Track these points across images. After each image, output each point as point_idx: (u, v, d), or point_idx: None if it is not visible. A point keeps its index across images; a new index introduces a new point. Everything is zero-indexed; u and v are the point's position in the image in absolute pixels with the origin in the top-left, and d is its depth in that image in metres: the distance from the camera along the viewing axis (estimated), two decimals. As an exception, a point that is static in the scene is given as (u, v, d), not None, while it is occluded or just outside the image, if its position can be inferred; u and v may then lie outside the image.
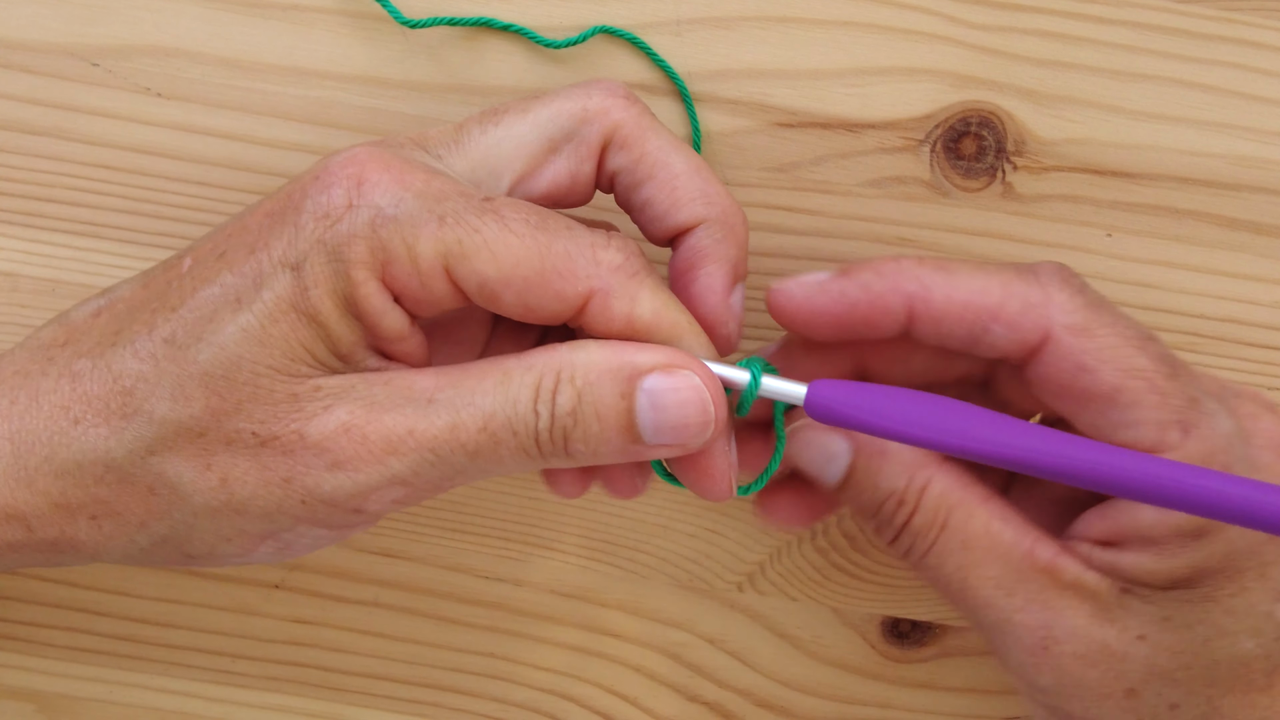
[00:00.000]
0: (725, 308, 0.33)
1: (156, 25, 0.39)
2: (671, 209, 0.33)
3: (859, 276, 0.33)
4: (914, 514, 0.33)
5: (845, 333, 0.33)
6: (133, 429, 0.31)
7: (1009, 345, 0.32)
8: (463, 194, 0.30)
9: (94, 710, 0.41)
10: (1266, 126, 0.39)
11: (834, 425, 0.31)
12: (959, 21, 0.38)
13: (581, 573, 0.41)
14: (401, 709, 0.42)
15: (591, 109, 0.33)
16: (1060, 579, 0.32)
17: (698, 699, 0.42)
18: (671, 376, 0.31)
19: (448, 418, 0.30)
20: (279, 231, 0.30)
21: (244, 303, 0.30)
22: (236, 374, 0.30)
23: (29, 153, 0.39)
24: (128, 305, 0.32)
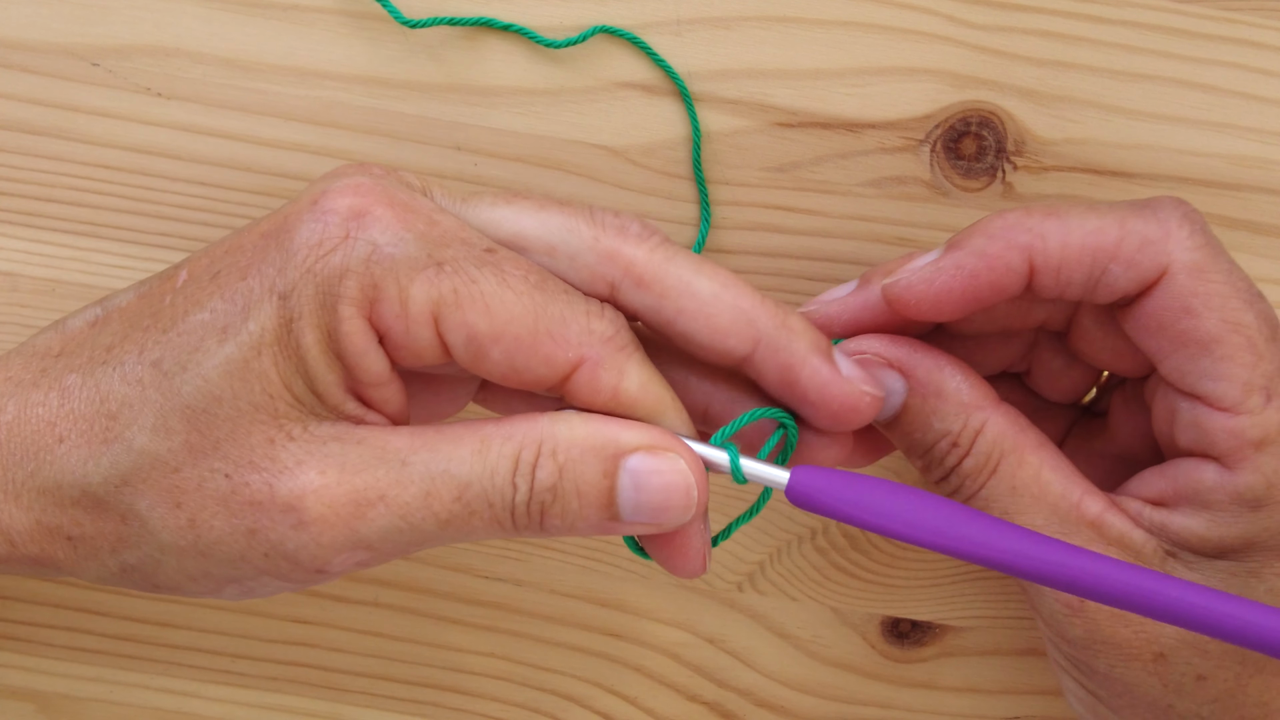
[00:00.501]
0: (844, 383, 0.31)
1: (157, 25, 0.39)
2: (715, 340, 0.31)
3: (971, 244, 0.32)
4: (966, 456, 0.33)
5: (972, 306, 0.32)
6: (110, 456, 0.30)
7: (1127, 284, 0.31)
8: (466, 241, 0.30)
9: (94, 710, 0.41)
10: (1266, 126, 0.39)
11: (815, 513, 0.31)
12: (959, 21, 0.38)
13: (581, 573, 0.41)
14: (401, 709, 0.42)
15: (605, 242, 0.31)
16: (1105, 534, 0.32)
17: (698, 699, 0.42)
18: (656, 458, 0.30)
19: (421, 485, 0.30)
20: (272, 256, 0.30)
21: (230, 333, 0.30)
22: (217, 409, 0.30)
23: (29, 153, 0.39)
24: (122, 318, 0.32)
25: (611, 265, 0.31)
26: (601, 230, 0.31)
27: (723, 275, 0.31)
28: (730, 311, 0.31)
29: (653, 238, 0.31)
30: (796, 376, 0.31)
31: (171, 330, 0.30)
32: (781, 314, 0.31)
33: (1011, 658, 0.41)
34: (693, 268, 0.31)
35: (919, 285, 0.32)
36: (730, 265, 0.39)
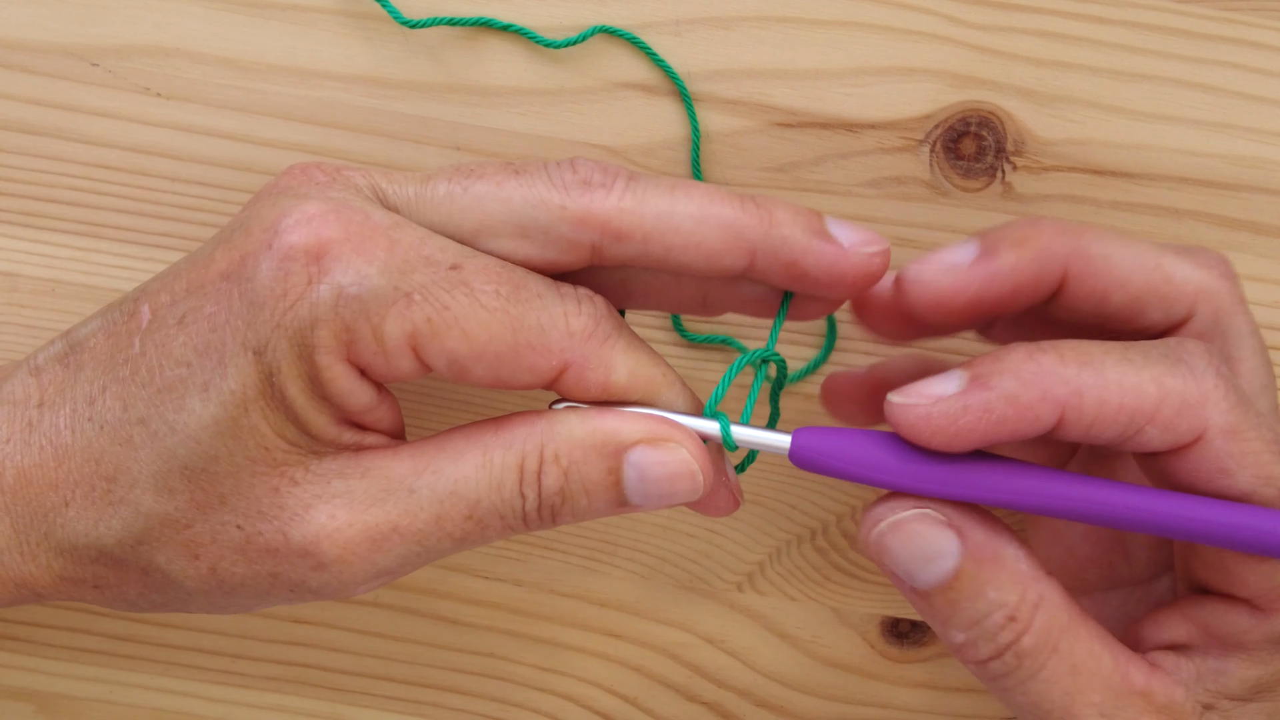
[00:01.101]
0: (849, 255, 0.31)
1: (156, 25, 0.39)
2: (712, 263, 0.31)
3: (1001, 386, 0.29)
4: (1024, 634, 0.30)
5: (985, 445, 0.30)
6: (120, 518, 0.31)
7: (1160, 444, 0.30)
8: (429, 261, 0.29)
9: (94, 710, 0.41)
10: (1266, 126, 0.39)
11: (818, 473, 0.30)
12: (958, 21, 0.38)
13: (581, 573, 0.41)
14: (401, 709, 0.42)
15: (572, 208, 0.30)
16: (1154, 701, 0.31)
17: (697, 699, 0.42)
18: (658, 449, 0.30)
19: (431, 510, 0.30)
20: (236, 306, 0.29)
21: (211, 390, 0.29)
22: (215, 467, 0.30)
23: (29, 153, 0.39)
24: (93, 360, 0.31)
25: (586, 229, 0.30)
26: (565, 194, 0.30)
27: (698, 195, 0.31)
28: (717, 233, 0.30)
29: (617, 181, 0.31)
30: (802, 268, 0.31)
31: (150, 385, 0.30)
32: (767, 212, 0.31)
33: (1011, 658, 0.41)
34: (667, 199, 0.30)
35: (939, 420, 0.29)
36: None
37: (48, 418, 0.31)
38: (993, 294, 0.31)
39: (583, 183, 0.30)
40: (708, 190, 0.31)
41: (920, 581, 0.30)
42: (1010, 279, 0.31)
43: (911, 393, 0.30)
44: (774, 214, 0.31)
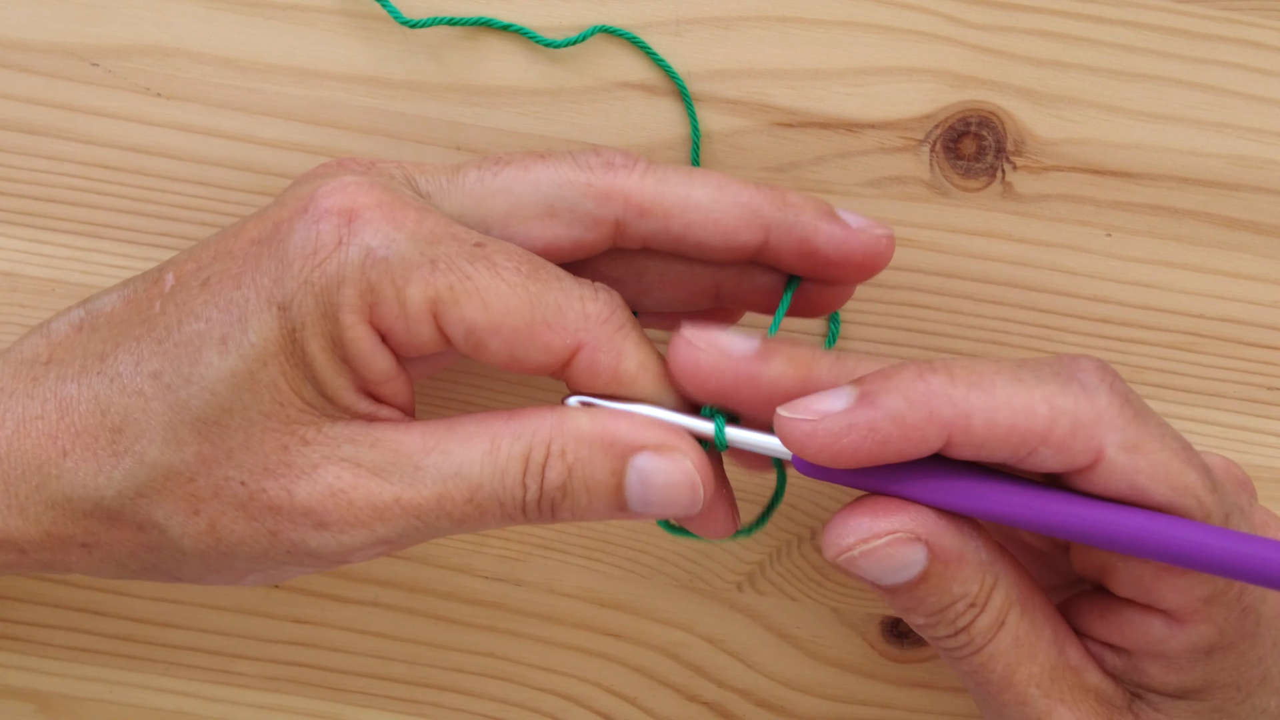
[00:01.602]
0: (859, 235, 0.32)
1: (156, 25, 0.39)
2: (728, 240, 0.32)
3: (887, 405, 0.29)
4: (980, 614, 0.31)
5: (870, 464, 0.30)
6: (122, 469, 0.31)
7: (1056, 465, 0.29)
8: (455, 237, 0.30)
9: (93, 710, 0.41)
10: (1266, 126, 0.39)
11: (820, 479, 0.31)
12: (959, 21, 0.38)
13: (581, 573, 0.41)
14: (401, 709, 0.42)
15: (597, 185, 0.32)
16: (1084, 681, 0.32)
17: (697, 699, 0.42)
18: (663, 458, 0.31)
19: (435, 488, 0.30)
20: (265, 264, 0.30)
21: (230, 343, 0.30)
22: (228, 420, 0.30)
23: (29, 152, 0.39)
24: (109, 323, 0.32)
25: (610, 204, 0.32)
26: (590, 173, 0.32)
27: (714, 178, 0.32)
28: (734, 210, 0.32)
29: (639, 164, 0.32)
30: (814, 246, 0.32)
31: (167, 340, 0.30)
32: (780, 194, 0.32)
33: (1011, 658, 0.42)
34: (686, 181, 0.32)
35: (822, 437, 0.29)
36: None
37: (54, 372, 0.31)
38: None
39: (606, 164, 0.32)
40: (723, 175, 0.32)
41: (886, 584, 0.31)
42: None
43: (799, 407, 0.30)
44: (786, 195, 0.32)
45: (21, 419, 0.31)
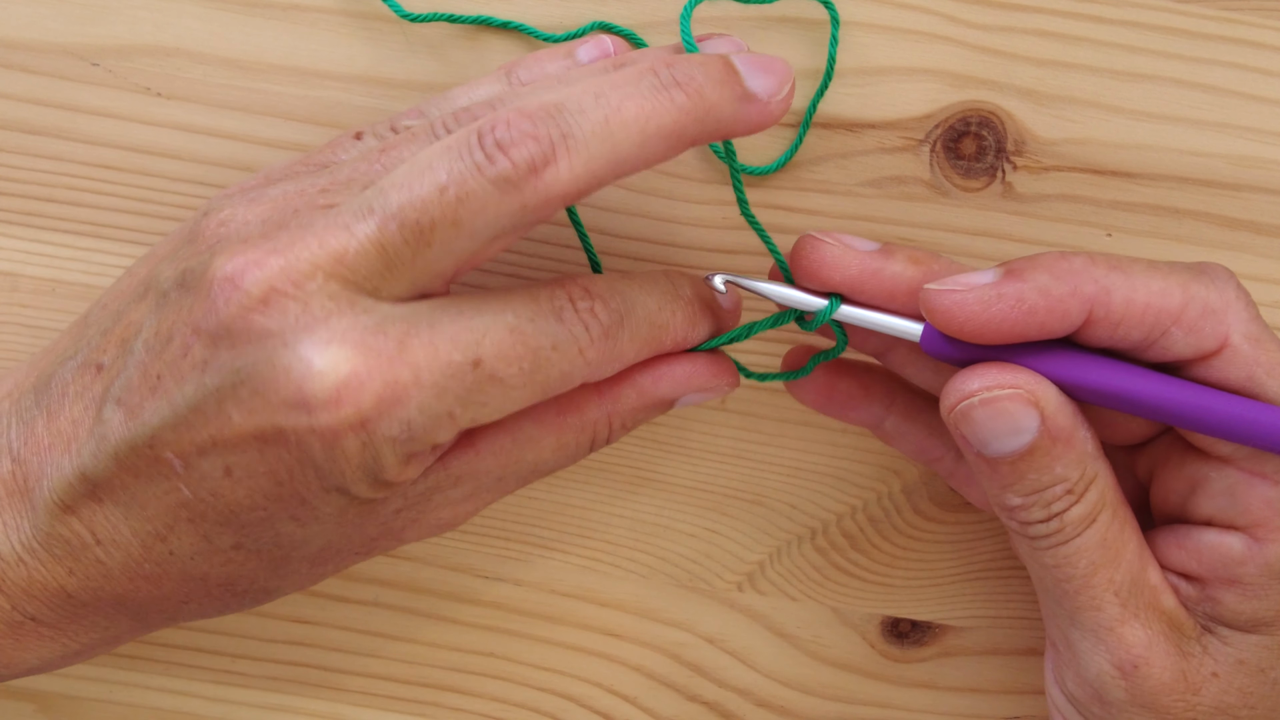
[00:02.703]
0: (767, 108, 0.32)
1: (157, 25, 0.39)
2: (657, 163, 0.31)
3: (1035, 279, 0.31)
4: (1075, 504, 0.32)
5: (1012, 339, 0.31)
6: (249, 599, 0.34)
7: (1185, 349, 0.31)
8: (451, 371, 0.29)
9: (94, 710, 0.41)
10: (1266, 126, 0.39)
11: (946, 359, 0.32)
12: (959, 21, 0.38)
13: (581, 572, 0.41)
14: (401, 708, 0.42)
15: (533, 203, 0.29)
16: (1161, 604, 0.32)
17: (697, 699, 0.42)
18: (706, 392, 0.34)
19: (515, 483, 0.34)
20: (296, 469, 0.30)
21: (304, 519, 0.31)
22: (330, 548, 0.32)
23: (29, 152, 0.39)
24: (131, 499, 0.31)
25: (550, 209, 0.30)
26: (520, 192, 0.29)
27: (631, 117, 0.30)
28: (661, 145, 0.30)
29: (556, 150, 0.29)
30: (732, 134, 0.31)
31: (229, 525, 0.31)
32: (698, 101, 0.30)
33: (1011, 657, 0.41)
34: (608, 143, 0.30)
35: (974, 305, 0.31)
36: (730, 266, 0.39)
37: (115, 555, 0.32)
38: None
39: (528, 169, 0.29)
40: (637, 102, 0.30)
41: (992, 451, 0.32)
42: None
43: (947, 281, 0.31)
44: (705, 97, 0.30)
45: (119, 595, 0.32)
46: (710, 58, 0.31)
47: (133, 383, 0.30)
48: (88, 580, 0.32)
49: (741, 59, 0.31)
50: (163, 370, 0.30)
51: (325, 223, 0.29)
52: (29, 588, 0.32)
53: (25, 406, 0.33)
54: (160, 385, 0.30)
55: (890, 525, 0.41)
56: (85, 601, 0.32)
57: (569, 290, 0.32)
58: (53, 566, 0.32)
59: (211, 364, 0.29)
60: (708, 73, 0.31)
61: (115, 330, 0.32)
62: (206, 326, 0.29)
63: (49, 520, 0.31)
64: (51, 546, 0.32)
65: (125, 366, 0.31)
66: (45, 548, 0.32)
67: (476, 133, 0.29)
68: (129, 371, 0.31)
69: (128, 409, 0.30)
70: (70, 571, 0.32)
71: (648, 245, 0.39)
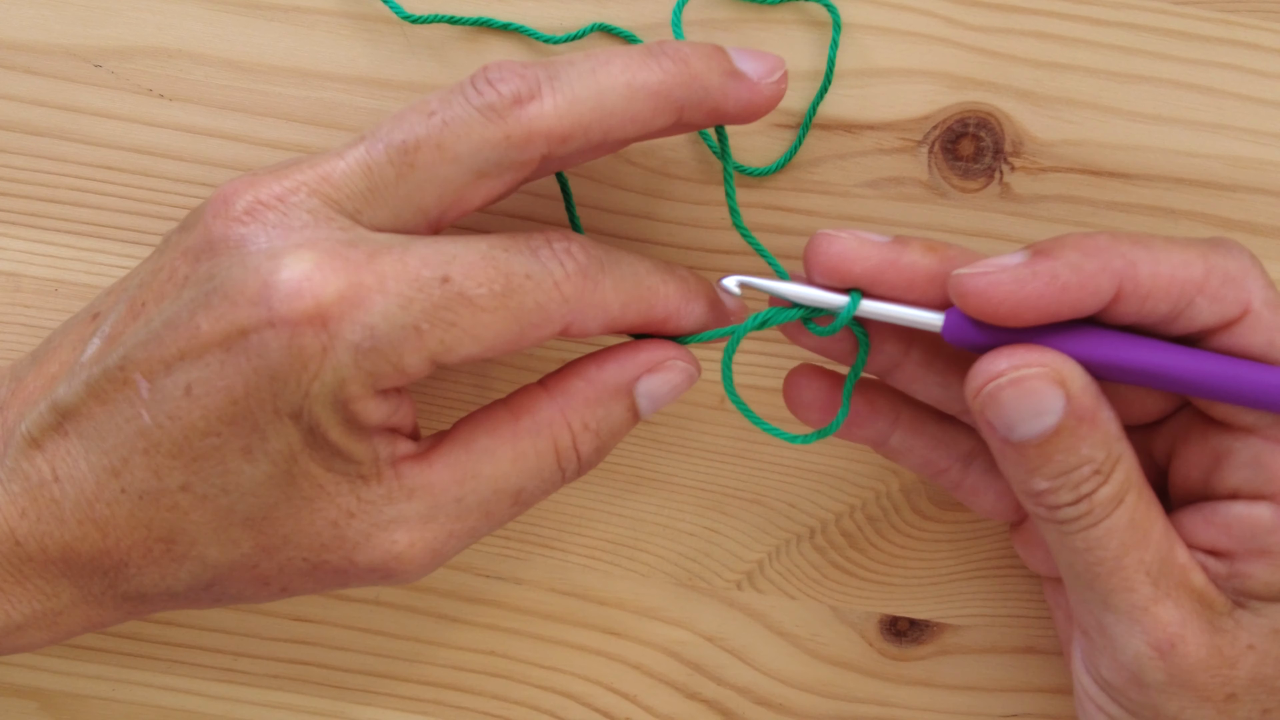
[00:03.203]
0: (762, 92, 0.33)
1: (159, 27, 0.39)
2: (644, 129, 0.32)
3: (1066, 257, 0.31)
4: (1103, 485, 0.32)
5: (1045, 319, 0.31)
6: (186, 570, 0.32)
7: (1209, 317, 0.32)
8: (419, 284, 0.30)
9: (96, 708, 0.41)
10: (1263, 128, 0.39)
11: (972, 346, 0.32)
12: (956, 23, 0.39)
13: (581, 571, 0.41)
14: (402, 707, 0.42)
15: (515, 133, 0.30)
16: (1190, 583, 0.32)
17: (697, 697, 0.42)
18: (660, 374, 0.33)
19: (480, 510, 0.32)
20: (254, 381, 0.30)
21: (255, 452, 0.30)
22: (275, 513, 0.31)
23: (32, 153, 0.39)
24: (95, 429, 0.31)
25: (533, 146, 0.31)
26: (503, 120, 0.30)
27: (618, 71, 0.31)
28: (647, 103, 0.31)
29: (541, 85, 0.31)
30: (721, 110, 0.33)
31: (180, 456, 0.31)
32: (684, 68, 0.32)
33: (1010, 656, 0.42)
34: (593, 87, 0.31)
35: (1009, 284, 0.31)
36: (729, 266, 0.39)
37: (70, 492, 0.31)
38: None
39: (513, 100, 0.31)
40: (624, 60, 0.32)
41: (1019, 434, 0.31)
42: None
43: (978, 265, 0.31)
44: (691, 66, 0.32)
45: (64, 543, 0.32)
46: (700, 42, 0.33)
47: (121, 316, 0.31)
48: (39, 523, 0.31)
49: (732, 47, 0.33)
50: (148, 298, 0.31)
51: (320, 154, 0.31)
52: None
53: (22, 365, 0.34)
54: (143, 311, 0.31)
55: (889, 524, 0.41)
56: (31, 554, 0.32)
57: (548, 234, 0.32)
58: (7, 507, 0.32)
59: (191, 278, 0.30)
60: (695, 48, 0.32)
61: (115, 287, 0.33)
62: (193, 245, 0.30)
63: (15, 458, 0.32)
64: (11, 485, 0.32)
65: (116, 305, 0.32)
66: (4, 487, 0.32)
67: (471, 76, 0.31)
68: (119, 308, 0.32)
69: (108, 339, 0.31)
70: (23, 513, 0.31)
71: (646, 246, 0.39)
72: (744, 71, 0.32)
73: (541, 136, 0.31)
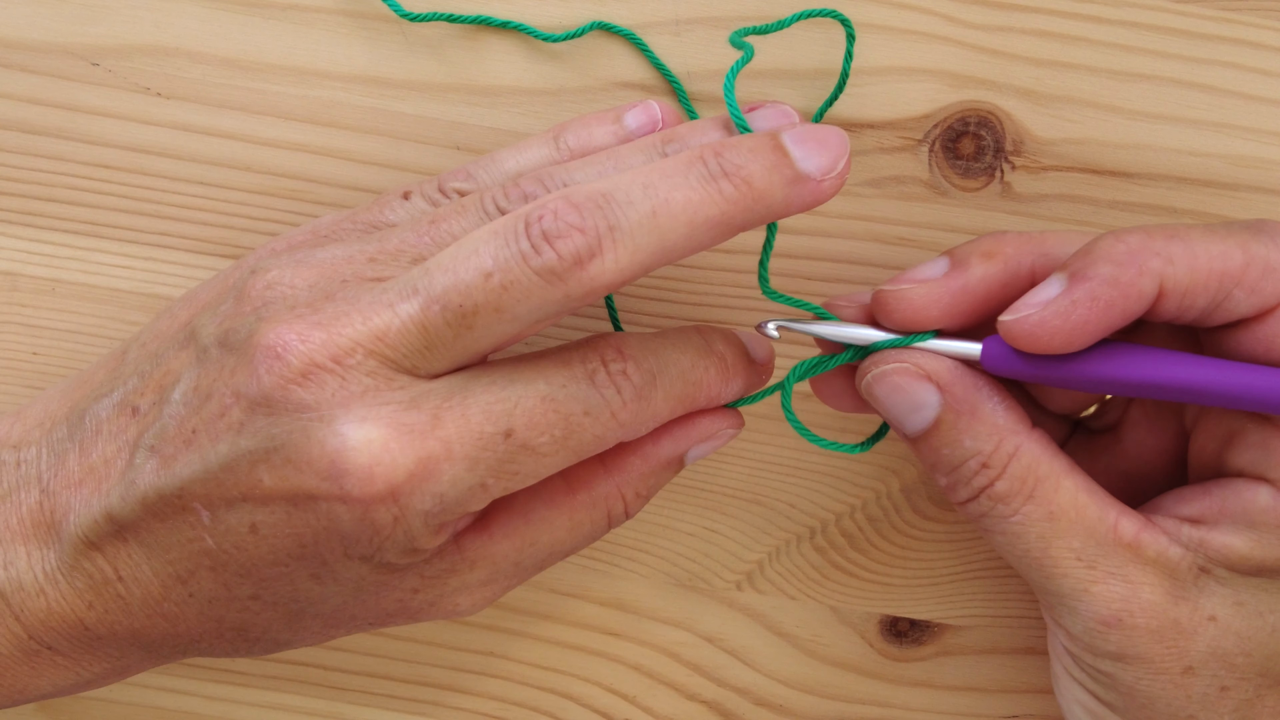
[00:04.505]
0: (820, 187, 0.31)
1: (156, 25, 0.39)
2: (702, 249, 0.32)
3: (1100, 272, 0.31)
4: (998, 479, 0.32)
5: (1100, 335, 0.31)
6: (260, 646, 0.34)
7: (1247, 308, 0.31)
8: (483, 442, 0.30)
9: (93, 709, 0.41)
10: (1264, 126, 0.39)
11: (1016, 375, 0.32)
12: (957, 21, 0.39)
13: (581, 571, 0.41)
14: (401, 707, 0.42)
15: (577, 295, 0.29)
16: (1142, 554, 0.32)
17: (696, 697, 0.42)
18: (708, 443, 0.35)
19: (537, 569, 0.34)
20: (324, 536, 0.30)
21: (324, 578, 0.31)
22: (344, 610, 0.33)
23: (29, 152, 0.39)
24: (156, 542, 0.31)
25: (592, 299, 0.30)
26: (565, 284, 0.29)
27: (680, 212, 0.30)
28: (708, 235, 0.30)
29: (602, 242, 0.29)
30: (785, 216, 0.31)
31: (248, 577, 0.31)
32: (746, 191, 0.30)
33: (1010, 656, 0.42)
34: (655, 237, 0.30)
35: (1055, 321, 0.31)
36: (729, 265, 0.39)
37: (136, 592, 0.32)
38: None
39: (574, 262, 0.29)
40: (685, 194, 0.30)
41: (906, 430, 0.33)
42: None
43: (1020, 307, 0.31)
44: (754, 187, 0.30)
45: (134, 630, 0.33)
46: (760, 140, 0.31)
47: (168, 433, 0.31)
48: (106, 614, 0.32)
49: (793, 136, 0.31)
50: (199, 426, 0.30)
51: (370, 299, 0.30)
52: (48, 619, 0.32)
53: (58, 439, 0.33)
54: (195, 440, 0.30)
55: (889, 524, 0.41)
56: (101, 635, 0.32)
57: (601, 352, 0.32)
58: (73, 600, 0.32)
59: (247, 428, 0.30)
60: (758, 158, 0.30)
61: (154, 375, 0.33)
62: (247, 392, 0.30)
63: (73, 555, 0.32)
64: (74, 580, 0.32)
65: (161, 415, 0.31)
66: (68, 580, 0.32)
67: (524, 220, 0.29)
68: (165, 421, 0.31)
69: (161, 458, 0.31)
70: (90, 605, 0.32)
71: (647, 245, 0.39)
72: (807, 174, 0.31)
73: (602, 290, 0.30)
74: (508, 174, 0.35)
